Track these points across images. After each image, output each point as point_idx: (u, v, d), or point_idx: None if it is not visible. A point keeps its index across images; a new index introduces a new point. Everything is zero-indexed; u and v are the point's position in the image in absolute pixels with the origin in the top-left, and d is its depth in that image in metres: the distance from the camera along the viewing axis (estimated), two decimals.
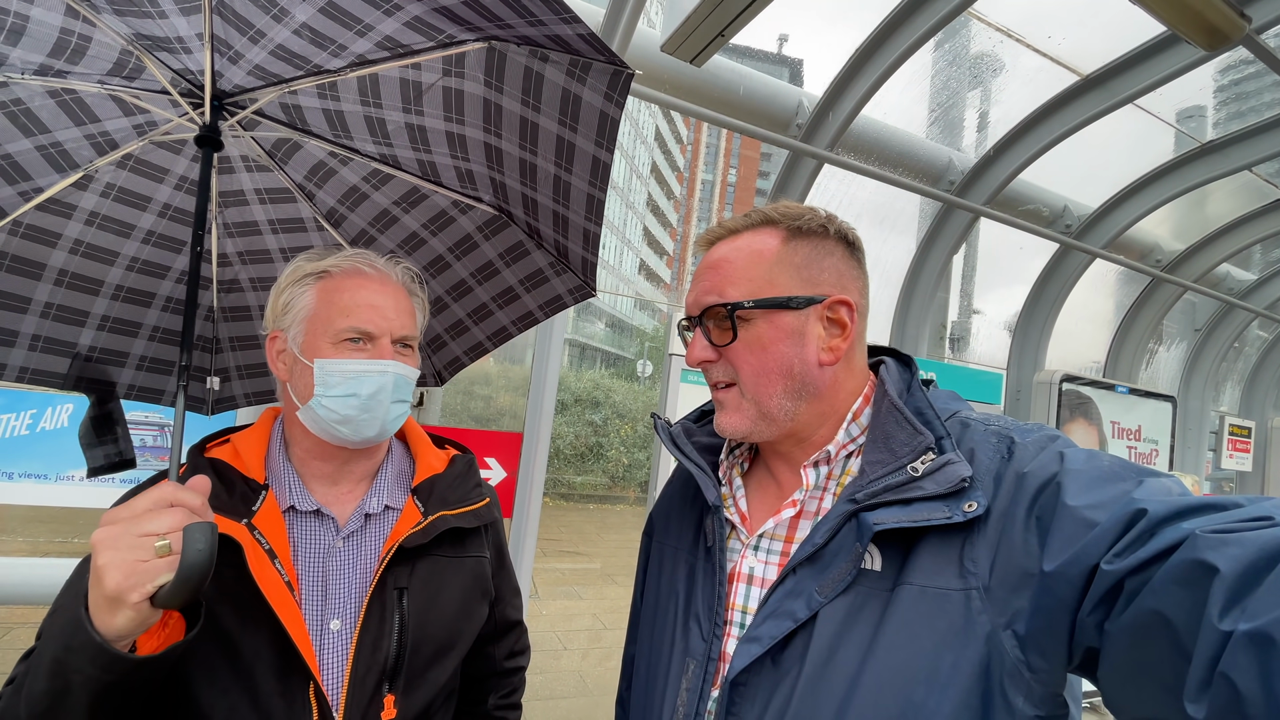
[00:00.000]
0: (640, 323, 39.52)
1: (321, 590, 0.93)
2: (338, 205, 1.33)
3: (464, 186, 1.24)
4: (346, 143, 1.21)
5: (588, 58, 0.89)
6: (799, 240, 0.83)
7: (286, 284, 1.00)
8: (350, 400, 0.94)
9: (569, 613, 6.53)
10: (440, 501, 1.04)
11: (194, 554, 0.68)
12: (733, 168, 60.66)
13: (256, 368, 1.48)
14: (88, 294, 1.27)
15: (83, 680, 0.67)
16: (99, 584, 0.67)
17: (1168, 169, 3.62)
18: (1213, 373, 5.40)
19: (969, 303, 4.73)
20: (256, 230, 1.35)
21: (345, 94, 1.10)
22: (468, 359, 1.47)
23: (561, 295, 1.34)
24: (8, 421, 1.98)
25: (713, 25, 1.82)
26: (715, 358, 0.85)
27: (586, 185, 1.04)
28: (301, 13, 0.92)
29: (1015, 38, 2.83)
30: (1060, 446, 0.70)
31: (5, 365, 1.25)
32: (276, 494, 0.96)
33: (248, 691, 0.84)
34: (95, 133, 1.11)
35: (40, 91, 1.03)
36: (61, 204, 1.18)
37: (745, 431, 0.84)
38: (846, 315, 0.81)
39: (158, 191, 1.23)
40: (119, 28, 0.96)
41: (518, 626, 1.24)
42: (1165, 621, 0.53)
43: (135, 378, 1.38)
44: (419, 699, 0.95)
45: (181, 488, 0.74)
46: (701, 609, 0.83)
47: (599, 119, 0.95)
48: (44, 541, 5.73)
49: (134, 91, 1.08)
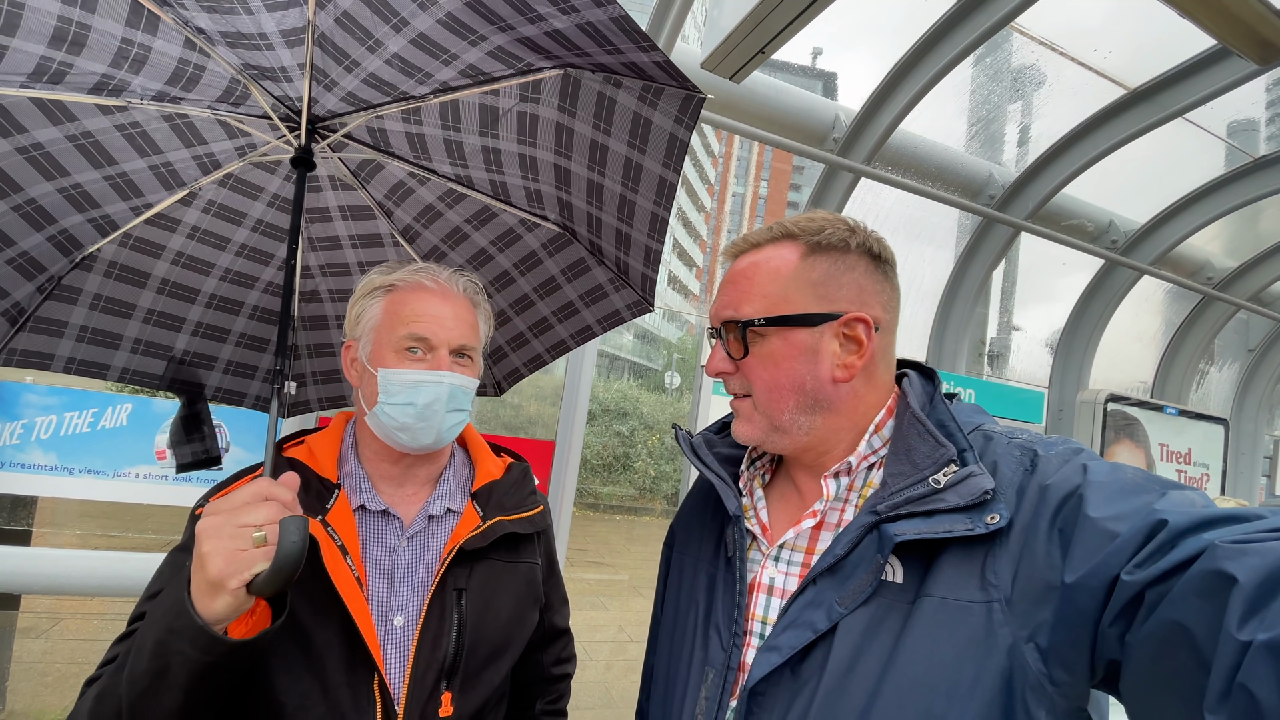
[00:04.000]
0: (668, 334, 39.51)
1: (387, 587, 0.96)
2: (413, 222, 1.40)
3: (531, 206, 1.29)
4: (425, 164, 1.27)
5: (661, 83, 0.91)
6: (817, 256, 0.82)
7: (359, 296, 1.05)
8: (408, 409, 0.98)
9: (594, 624, 6.51)
10: (498, 507, 1.07)
11: (288, 545, 0.73)
12: (764, 180, 60.50)
13: (331, 374, 1.55)
14: (185, 301, 1.36)
15: (183, 661, 0.71)
16: (202, 570, 0.71)
17: (1219, 184, 3.51)
18: (1267, 395, 5.17)
19: (1009, 319, 4.62)
20: (338, 244, 1.43)
21: (427, 118, 1.15)
22: (526, 370, 1.52)
23: (619, 310, 1.37)
24: (70, 419, 2.08)
25: (753, 43, 1.84)
26: (733, 370, 0.86)
27: (651, 205, 1.07)
28: (394, 44, 0.97)
29: (1059, 51, 2.79)
30: (1084, 459, 0.70)
31: (109, 366, 1.34)
32: (348, 493, 1.00)
33: (318, 681, 0.88)
34: (202, 153, 1.19)
35: (156, 115, 1.11)
36: (168, 219, 1.26)
37: (758, 440, 0.85)
38: (863, 333, 0.80)
39: (252, 208, 1.32)
40: (230, 58, 1.04)
41: (565, 634, 1.26)
42: (1185, 632, 0.52)
43: (222, 380, 1.46)
44: (474, 699, 0.98)
45: (275, 483, 0.79)
46: (721, 619, 0.83)
47: (668, 141, 0.98)
48: (94, 535, 5.97)
49: (238, 116, 1.15)
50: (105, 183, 1.15)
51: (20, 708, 3.47)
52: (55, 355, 1.28)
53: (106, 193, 1.16)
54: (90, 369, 1.32)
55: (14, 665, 3.03)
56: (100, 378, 1.33)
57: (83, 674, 0.85)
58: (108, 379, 1.34)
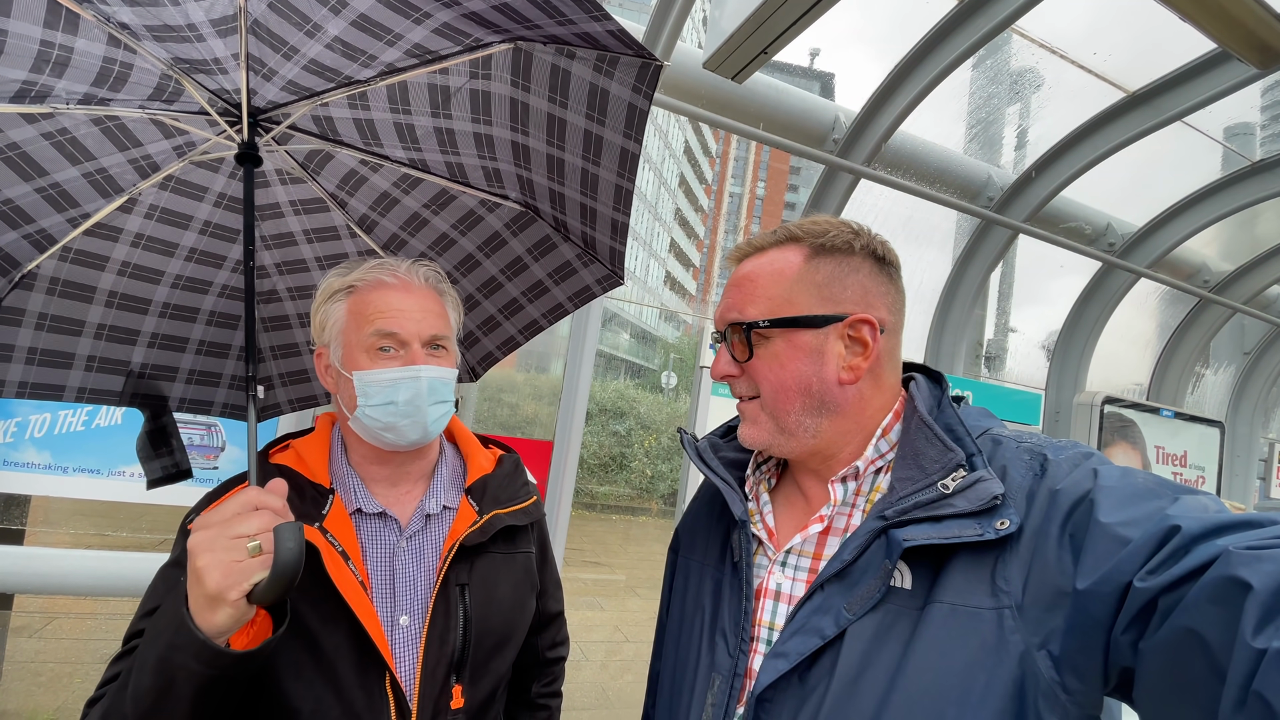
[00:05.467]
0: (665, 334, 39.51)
1: (390, 588, 0.97)
2: (369, 212, 1.36)
3: (491, 185, 1.26)
4: (377, 150, 1.24)
5: (616, 52, 0.90)
6: (822, 258, 0.82)
7: (321, 302, 1.04)
8: (390, 408, 0.97)
9: (589, 623, 6.50)
10: (493, 501, 1.07)
11: (285, 552, 0.72)
12: (761, 181, 60.59)
13: (298, 375, 1.52)
14: (137, 313, 1.30)
15: (187, 675, 0.71)
16: (199, 584, 0.70)
17: (1216, 188, 3.52)
18: (1262, 398, 5.19)
19: (1005, 321, 4.63)
20: (292, 241, 1.39)
21: (375, 103, 1.12)
22: (500, 353, 1.49)
23: (590, 285, 1.35)
24: (65, 418, 2.07)
25: (755, 44, 1.84)
26: (738, 373, 0.86)
27: (615, 177, 1.06)
28: (334, 27, 0.94)
29: (1059, 54, 2.80)
30: (1094, 464, 0.69)
31: (65, 386, 1.28)
32: (342, 497, 1.00)
33: (331, 684, 0.88)
34: (138, 156, 1.14)
35: (85, 120, 1.06)
36: (108, 228, 1.21)
37: (765, 444, 0.84)
38: (868, 334, 0.80)
39: (198, 210, 1.27)
40: (159, 53, 0.99)
41: (559, 618, 1.27)
42: (1199, 639, 0.52)
43: (185, 391, 1.41)
44: (483, 688, 1.00)
45: (264, 491, 0.78)
46: (728, 624, 0.83)
47: (627, 111, 0.96)
48: (88, 534, 5.93)
49: (173, 114, 1.11)
50: (37, 195, 1.09)
51: (13, 707, 3.45)
52: (6, 380, 1.23)
53: (39, 206, 1.10)
54: (44, 391, 1.26)
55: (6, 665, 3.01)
56: (57, 399, 1.28)
57: (76, 674, 0.84)
58: (64, 399, 1.28)
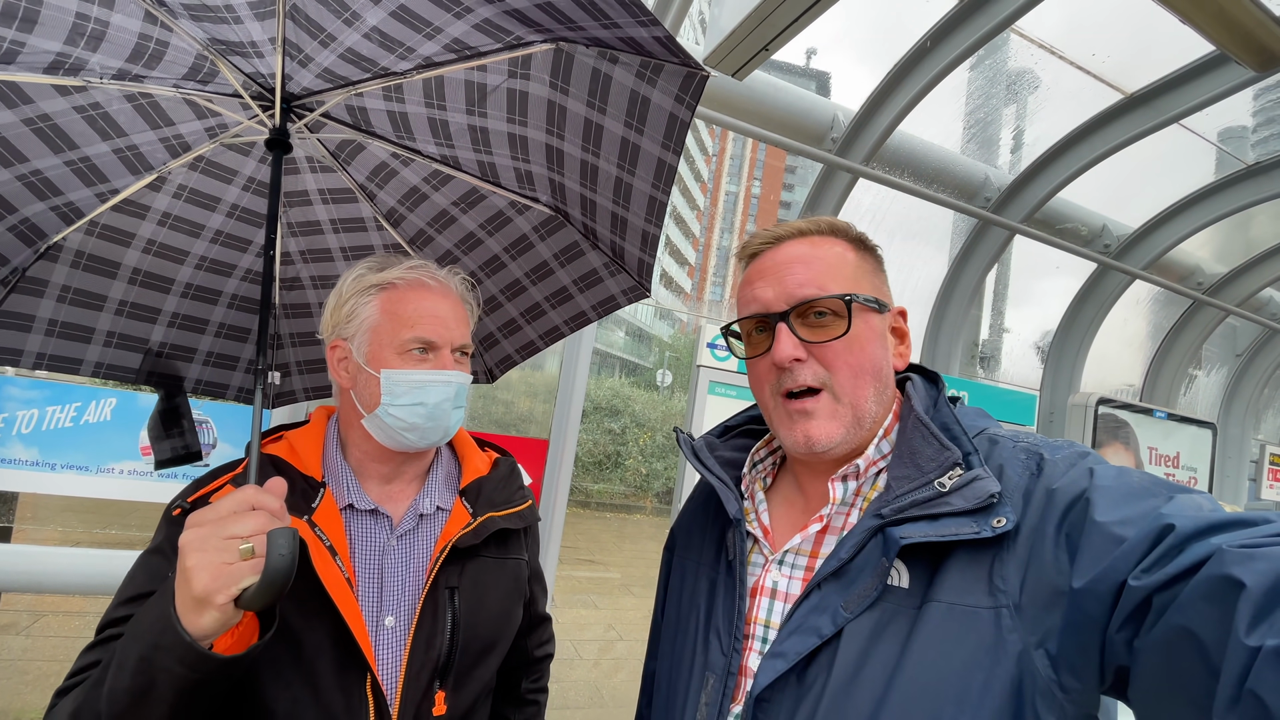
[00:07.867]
0: (660, 332, 39.53)
1: (377, 587, 0.95)
2: (398, 205, 1.35)
3: (522, 187, 1.25)
4: (409, 144, 1.23)
5: (660, 59, 0.87)
6: (864, 253, 0.86)
7: (350, 294, 1.01)
8: (418, 409, 0.97)
9: (582, 622, 6.50)
10: (488, 503, 1.06)
11: (277, 559, 0.70)
12: (757, 179, 60.65)
13: (316, 363, 1.51)
14: (159, 292, 1.31)
15: (169, 678, 0.68)
16: (187, 585, 0.68)
17: (1211, 190, 3.54)
18: (1254, 400, 5.23)
19: (1000, 321, 4.64)
20: (319, 229, 1.38)
21: (410, 96, 1.11)
22: (519, 357, 1.48)
23: (615, 295, 1.35)
24: (53, 414, 2.04)
25: (756, 41, 1.82)
26: (805, 356, 0.80)
27: (649, 187, 1.04)
28: (373, 16, 0.93)
29: (1057, 54, 2.80)
30: (1090, 463, 0.69)
31: (82, 360, 1.29)
32: (334, 492, 0.98)
33: (309, 685, 0.86)
34: (169, 135, 1.14)
35: (118, 95, 1.06)
36: (136, 205, 1.21)
37: (839, 440, 0.79)
38: (906, 325, 0.86)
39: (226, 192, 1.27)
40: (195, 33, 0.99)
41: (546, 620, 1.28)
42: (1193, 638, 0.52)
43: (202, 373, 1.42)
44: (466, 696, 0.97)
45: (262, 491, 0.75)
46: (722, 623, 0.82)
47: (668, 121, 0.94)
48: (77, 531, 5.88)
49: (207, 95, 1.10)
50: (66, 168, 1.09)
51: (0, 705, 3.41)
52: (24, 350, 1.23)
53: (68, 179, 1.11)
54: (62, 364, 1.27)
55: None
56: (74, 373, 1.28)
57: (64, 672, 0.81)
58: (81, 374, 1.29)
